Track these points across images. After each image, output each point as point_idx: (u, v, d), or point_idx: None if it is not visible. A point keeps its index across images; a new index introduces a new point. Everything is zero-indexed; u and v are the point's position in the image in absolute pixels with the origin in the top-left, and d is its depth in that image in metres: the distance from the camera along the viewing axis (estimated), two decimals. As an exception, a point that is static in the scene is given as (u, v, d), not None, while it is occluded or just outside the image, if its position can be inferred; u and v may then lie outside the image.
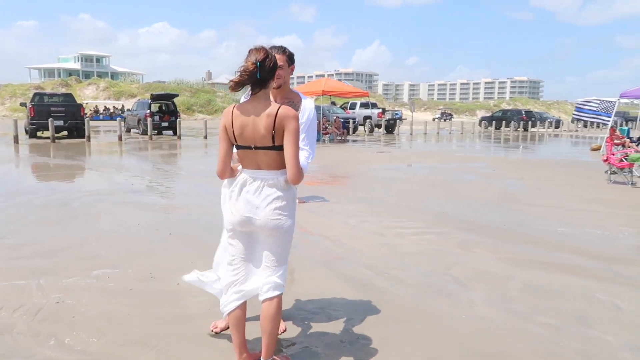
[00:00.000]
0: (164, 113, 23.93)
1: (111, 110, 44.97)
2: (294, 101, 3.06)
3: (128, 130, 24.73)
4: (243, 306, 2.67)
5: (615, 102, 18.24)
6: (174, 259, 4.69)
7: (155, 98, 23.76)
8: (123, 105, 45.87)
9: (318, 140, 21.27)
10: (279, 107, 2.45)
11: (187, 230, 5.78)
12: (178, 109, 25.18)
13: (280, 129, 2.43)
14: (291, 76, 3.33)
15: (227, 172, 2.60)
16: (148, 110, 22.65)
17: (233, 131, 2.48)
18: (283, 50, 3.03)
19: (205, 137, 21.72)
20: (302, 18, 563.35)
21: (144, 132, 22.48)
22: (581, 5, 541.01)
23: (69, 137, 20.13)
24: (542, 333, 3.33)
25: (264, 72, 2.44)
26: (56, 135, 18.50)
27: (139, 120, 23.52)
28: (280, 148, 2.47)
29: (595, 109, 18.74)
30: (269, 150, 2.48)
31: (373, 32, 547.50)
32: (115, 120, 40.03)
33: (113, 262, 4.52)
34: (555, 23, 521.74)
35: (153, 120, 21.50)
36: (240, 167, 2.66)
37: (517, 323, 3.48)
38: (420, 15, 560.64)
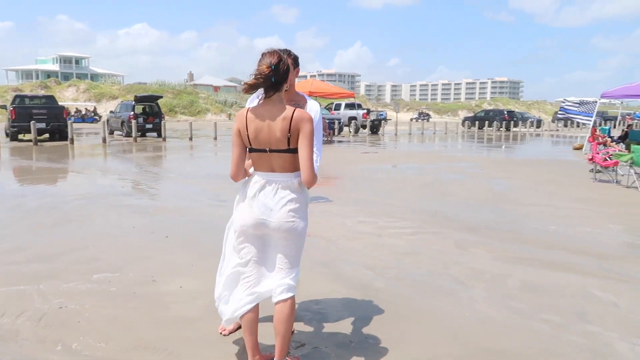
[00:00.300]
0: (147, 115, 23.70)
1: (83, 113, 42.54)
2: (299, 103, 3.09)
3: (111, 133, 24.43)
4: (256, 308, 2.68)
5: (596, 102, 18.63)
6: (174, 261, 4.67)
7: (139, 100, 23.52)
8: (95, 107, 44.88)
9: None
10: (294, 110, 2.47)
11: (183, 232, 5.75)
12: (162, 111, 24.95)
13: (295, 132, 2.46)
14: None
15: (241, 175, 2.60)
16: (132, 112, 22.41)
17: (247, 135, 2.49)
18: (288, 53, 3.04)
19: (191, 138, 21.58)
20: (283, 19, 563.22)
21: (128, 134, 22.24)
22: (559, 7, 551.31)
23: (50, 139, 19.82)
24: (545, 330, 3.41)
25: (278, 76, 2.46)
26: (38, 137, 18.19)
27: (122, 122, 23.25)
28: (294, 151, 2.49)
29: (577, 109, 19.13)
30: (283, 153, 2.49)
31: (355, 33, 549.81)
32: (90, 122, 39.37)
33: (112, 265, 4.48)
34: (534, 25, 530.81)
35: (137, 122, 21.26)
36: (252, 169, 2.67)
37: (520, 320, 3.55)
38: (401, 17, 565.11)
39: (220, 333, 3.21)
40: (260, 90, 3.15)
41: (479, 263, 4.88)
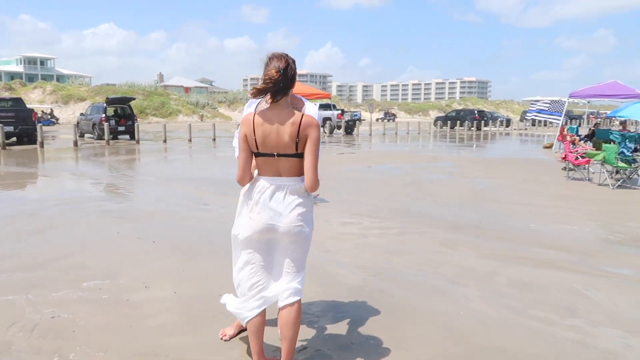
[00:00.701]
0: (119, 117, 23.23)
1: (39, 115, 41.11)
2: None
3: (82, 135, 23.84)
4: (263, 313, 2.68)
5: (565, 102, 19.20)
6: (164, 267, 4.61)
7: (110, 102, 23.01)
8: (52, 110, 43.51)
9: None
10: (302, 116, 2.48)
11: (170, 237, 5.68)
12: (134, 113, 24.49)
13: (303, 137, 2.47)
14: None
15: (247, 179, 2.59)
16: (103, 115, 21.93)
17: (255, 139, 2.48)
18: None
19: (165, 141, 21.26)
20: (254, 19, 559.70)
21: (100, 137, 21.75)
22: (524, 8, 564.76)
23: (18, 143, 19.22)
24: (537, 326, 3.51)
25: (287, 80, 2.47)
26: (6, 141, 17.62)
27: (93, 125, 22.72)
28: (301, 155, 2.51)
29: (547, 108, 19.66)
30: (291, 157, 2.50)
31: (325, 34, 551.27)
32: (46, 125, 37.95)
33: (101, 272, 4.40)
34: (500, 25, 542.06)
35: (109, 125, 20.83)
36: (255, 173, 2.66)
37: (513, 317, 3.65)
38: (371, 17, 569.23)
39: (221, 338, 3.20)
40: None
41: (467, 261, 4.98)
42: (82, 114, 25.73)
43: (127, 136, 22.74)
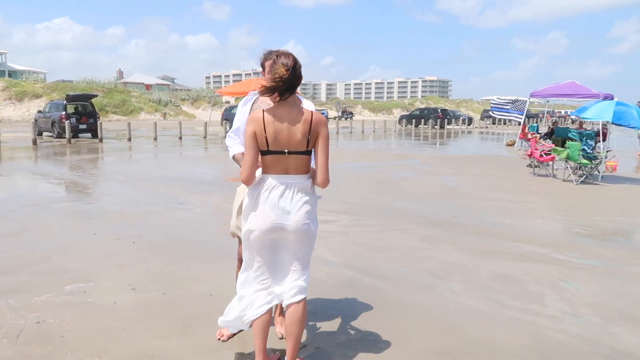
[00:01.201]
0: (80, 115, 22.44)
1: None
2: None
3: (40, 134, 22.93)
4: (270, 311, 2.67)
5: (526, 101, 19.84)
6: (148, 268, 4.50)
7: (71, 99, 22.24)
8: None
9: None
10: (312, 113, 2.49)
11: (149, 237, 5.55)
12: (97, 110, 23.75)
13: (315, 134, 2.48)
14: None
15: (253, 178, 2.56)
16: (63, 112, 21.18)
17: (266, 137, 2.46)
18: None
19: (129, 139, 20.72)
20: (216, 16, 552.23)
21: (60, 136, 21.00)
22: (481, 9, 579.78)
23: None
24: (524, 317, 3.63)
25: (295, 78, 2.46)
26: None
27: (53, 123, 21.89)
28: (310, 153, 2.52)
29: (509, 107, 20.27)
30: (301, 154, 2.51)
31: (288, 32, 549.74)
32: None
33: (83, 275, 4.26)
34: (460, 26, 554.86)
35: (70, 123, 20.13)
36: (259, 172, 2.63)
37: (500, 309, 3.76)
38: (334, 16, 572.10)
39: (219, 339, 3.16)
40: (255, 92, 3.13)
41: (448, 256, 5.09)
42: (40, 112, 24.75)
43: (89, 134, 22.05)
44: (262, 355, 2.69)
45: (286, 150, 2.49)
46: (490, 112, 26.64)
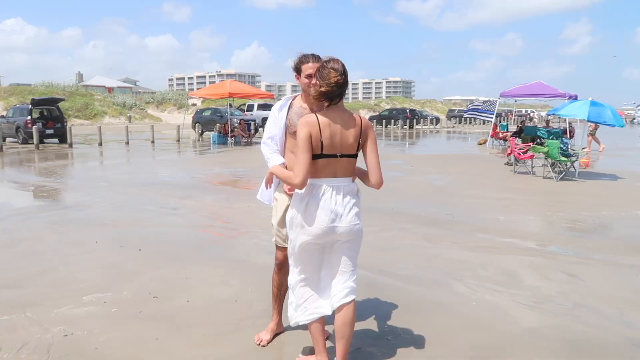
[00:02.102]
0: (47, 119, 21.70)
1: None
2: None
3: (3, 139, 22.04)
4: (323, 317, 2.69)
5: (496, 101, 20.40)
6: (162, 275, 4.43)
7: (36, 103, 21.45)
8: None
9: (225, 143, 20.86)
10: (361, 117, 2.55)
11: (154, 244, 5.45)
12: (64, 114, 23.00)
13: (364, 137, 2.54)
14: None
15: (306, 182, 2.55)
16: (28, 117, 20.45)
17: (321, 140, 2.47)
18: (318, 58, 3.06)
19: (100, 144, 20.16)
20: (176, 17, 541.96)
21: (25, 141, 20.28)
22: (440, 12, 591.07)
23: None
24: (543, 310, 3.77)
25: (346, 83, 2.50)
26: None
27: (17, 128, 21.09)
28: (357, 156, 2.58)
29: (480, 107, 20.79)
30: (351, 158, 2.55)
31: (251, 33, 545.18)
32: None
33: (98, 285, 4.16)
34: (420, 28, 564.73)
35: (38, 128, 19.44)
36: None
37: (517, 304, 3.88)
38: (296, 17, 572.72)
39: (258, 344, 3.15)
40: (289, 97, 3.14)
41: (453, 254, 5.21)
42: (2, 117, 23.82)
43: (57, 140, 21.35)
44: (325, 354, 2.70)
45: (339, 154, 2.51)
46: (464, 114, 27.21)
